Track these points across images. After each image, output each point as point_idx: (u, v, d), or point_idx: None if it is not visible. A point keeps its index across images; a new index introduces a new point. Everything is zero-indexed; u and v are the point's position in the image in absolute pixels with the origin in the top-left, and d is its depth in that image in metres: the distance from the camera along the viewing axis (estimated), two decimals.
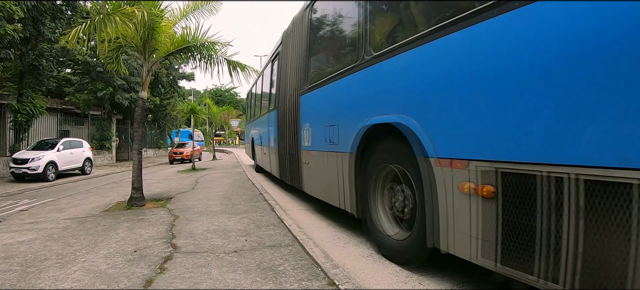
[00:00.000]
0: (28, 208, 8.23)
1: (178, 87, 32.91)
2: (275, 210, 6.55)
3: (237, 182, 11.55)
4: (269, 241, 4.69)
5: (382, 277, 3.52)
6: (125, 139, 25.68)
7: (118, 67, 8.34)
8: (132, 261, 4.03)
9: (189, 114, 21.10)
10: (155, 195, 9.04)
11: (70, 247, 4.70)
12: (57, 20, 15.43)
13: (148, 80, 7.86)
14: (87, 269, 3.84)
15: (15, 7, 11.96)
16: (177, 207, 7.39)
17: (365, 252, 4.25)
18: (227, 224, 5.74)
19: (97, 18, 6.28)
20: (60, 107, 20.10)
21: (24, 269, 3.90)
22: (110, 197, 9.20)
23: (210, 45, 8.23)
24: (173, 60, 13.42)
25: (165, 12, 7.88)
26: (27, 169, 13.56)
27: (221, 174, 14.83)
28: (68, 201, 8.95)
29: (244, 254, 4.17)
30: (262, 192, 8.79)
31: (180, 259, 4.04)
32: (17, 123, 15.44)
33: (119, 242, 4.81)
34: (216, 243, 4.66)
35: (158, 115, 29.95)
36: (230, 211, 6.77)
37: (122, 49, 8.16)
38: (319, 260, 3.76)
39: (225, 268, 3.73)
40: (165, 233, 5.24)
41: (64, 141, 15.75)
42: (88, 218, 6.61)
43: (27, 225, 6.20)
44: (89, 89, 20.31)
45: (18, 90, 15.56)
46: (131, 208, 7.29)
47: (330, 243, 4.62)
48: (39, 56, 15.41)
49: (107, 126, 23.02)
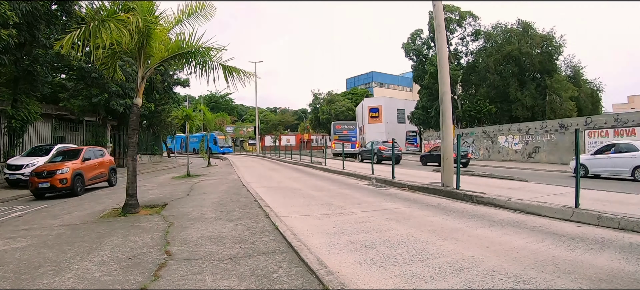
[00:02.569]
0: (22, 214, 8.17)
1: (173, 93, 32.81)
2: (269, 217, 6.57)
3: (232, 188, 11.55)
4: (264, 248, 4.71)
5: (376, 283, 3.55)
6: (120, 145, 25.54)
7: (114, 74, 8.33)
8: (126, 268, 4.03)
9: (183, 120, 21.06)
10: (150, 202, 9.02)
11: (65, 254, 4.69)
12: (52, 25, 15.38)
13: (142, 87, 7.87)
14: (81, 276, 3.83)
15: (10, 12, 11.93)
16: (172, 213, 7.38)
17: (360, 258, 4.28)
18: (222, 230, 5.75)
19: (92, 24, 6.30)
20: (55, 113, 19.97)
21: (18, 276, 3.89)
22: (104, 204, 9.16)
23: (205, 51, 8.22)
24: (168, 66, 13.40)
25: (159, 18, 7.91)
26: (21, 175, 13.43)
27: (216, 180, 14.81)
28: (62, 208, 8.90)
29: (239, 261, 4.18)
30: (256, 199, 8.81)
31: (174, 266, 4.05)
32: (11, 129, 15.32)
33: (113, 249, 4.81)
34: (210, 250, 4.67)
35: (153, 121, 29.83)
36: (224, 218, 6.77)
37: (117, 55, 8.16)
38: (314, 267, 3.79)
39: (219, 275, 3.75)
40: (160, 240, 5.24)
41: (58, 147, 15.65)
42: (82, 225, 6.59)
43: (21, 232, 6.17)
44: (83, 95, 20.20)
45: (12, 96, 15.46)
46: (126, 215, 7.27)
47: (325, 250, 4.65)
48: (34, 62, 15.33)
49: (102, 132, 22.88)
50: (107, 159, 14.53)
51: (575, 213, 6.22)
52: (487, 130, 31.45)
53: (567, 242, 4.87)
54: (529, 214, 6.74)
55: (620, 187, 10.59)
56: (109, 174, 14.12)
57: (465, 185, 9.36)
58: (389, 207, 7.85)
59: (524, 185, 10.67)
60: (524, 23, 37.44)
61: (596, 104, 38.69)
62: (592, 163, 15.33)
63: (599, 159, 15.14)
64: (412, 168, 20.21)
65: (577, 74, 38.33)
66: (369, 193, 10.15)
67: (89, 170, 12.50)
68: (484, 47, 40.81)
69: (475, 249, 4.57)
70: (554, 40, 36.16)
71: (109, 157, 14.84)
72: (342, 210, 7.48)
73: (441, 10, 10.51)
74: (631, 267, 3.86)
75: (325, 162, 21.28)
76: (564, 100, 33.17)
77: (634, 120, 20.56)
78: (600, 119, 23.35)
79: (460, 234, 5.38)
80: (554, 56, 36.35)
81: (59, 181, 10.92)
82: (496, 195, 8.09)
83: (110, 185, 14.05)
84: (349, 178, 14.46)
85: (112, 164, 14.65)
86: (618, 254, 4.31)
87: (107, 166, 14.16)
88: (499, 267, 3.88)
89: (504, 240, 4.99)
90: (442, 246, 4.75)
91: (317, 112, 68.62)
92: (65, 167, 11.30)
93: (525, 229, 5.69)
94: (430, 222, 6.26)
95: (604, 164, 15.00)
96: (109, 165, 14.29)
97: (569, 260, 4.11)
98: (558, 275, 3.63)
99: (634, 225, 5.41)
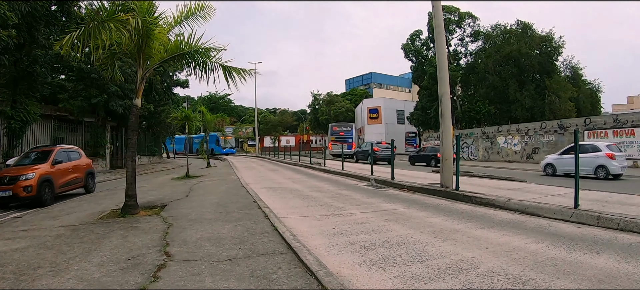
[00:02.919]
0: (21, 215, 8.16)
1: (172, 94, 32.82)
2: (269, 218, 6.57)
3: (231, 189, 11.54)
4: (263, 249, 4.70)
5: (376, 284, 3.55)
6: (120, 146, 25.52)
7: (113, 74, 8.31)
8: (125, 269, 4.02)
9: (183, 121, 21.06)
10: (149, 203, 9.01)
11: (64, 255, 4.68)
12: (52, 26, 15.36)
13: (142, 88, 7.86)
14: (80, 277, 3.83)
15: (10, 12, 11.92)
16: (171, 214, 7.37)
17: (359, 259, 4.28)
18: (221, 231, 5.75)
19: (91, 25, 6.29)
20: (54, 113, 19.95)
21: (17, 277, 3.88)
22: (104, 205, 9.15)
23: (205, 51, 8.20)
24: (167, 67, 13.39)
25: (159, 19, 7.90)
26: None
27: (215, 181, 14.80)
28: (61, 209, 8.89)
29: (238, 262, 4.18)
30: (256, 200, 8.80)
31: (173, 267, 4.05)
32: (10, 129, 15.29)
33: (112, 250, 4.80)
34: (210, 251, 4.66)
35: (152, 122, 29.80)
36: (224, 219, 6.77)
37: (117, 56, 8.15)
38: (313, 268, 3.79)
39: (218, 276, 3.75)
40: (159, 241, 5.23)
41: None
42: (81, 226, 6.58)
43: (20, 233, 6.15)
44: (83, 96, 20.17)
45: (12, 97, 15.42)
46: (125, 216, 7.26)
47: (324, 251, 4.65)
48: (33, 62, 15.30)
49: (101, 133, 22.86)
50: (84, 161, 12.67)
51: (575, 214, 6.22)
52: (486, 131, 31.48)
53: (566, 242, 4.87)
54: (529, 215, 6.75)
55: (620, 188, 10.59)
56: (85, 178, 12.26)
57: (464, 186, 9.36)
58: (388, 208, 7.85)
59: (523, 186, 10.68)
60: (523, 24, 37.46)
61: (595, 105, 38.73)
62: (560, 162, 16.18)
63: (565, 158, 15.83)
64: (406, 168, 20.23)
65: (576, 74, 38.36)
66: (369, 194, 10.15)
67: (60, 176, 10.71)
68: (483, 48, 40.83)
69: (475, 250, 4.58)
70: (553, 40, 36.18)
71: (86, 160, 13.00)
72: (342, 211, 7.48)
73: (440, 11, 10.52)
74: (630, 267, 3.86)
75: (324, 163, 21.28)
76: (563, 101, 33.18)
77: (633, 121, 20.59)
78: (600, 119, 23.39)
79: (460, 235, 5.39)
80: (553, 57, 36.38)
81: (22, 189, 9.11)
82: (495, 196, 8.09)
83: (86, 192, 12.24)
84: (348, 179, 14.46)
85: (89, 167, 12.88)
86: (617, 254, 4.31)
87: (83, 170, 12.31)
88: (499, 268, 3.88)
89: (503, 241, 5.00)
90: (441, 247, 4.75)
91: (317, 113, 68.57)
92: (30, 172, 9.47)
93: (525, 229, 5.69)
94: (429, 223, 6.26)
95: (569, 163, 15.21)
96: (86, 169, 12.47)
97: (569, 260, 4.12)
98: (557, 276, 3.63)
99: (633, 225, 5.42)
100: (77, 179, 11.81)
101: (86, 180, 12.31)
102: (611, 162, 14.63)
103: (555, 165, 16.44)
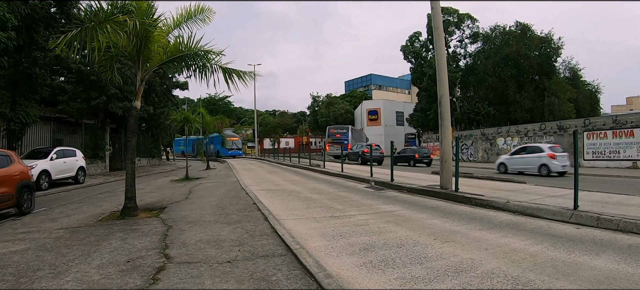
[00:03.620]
0: (21, 217, 8.14)
1: (172, 96, 32.79)
2: (268, 220, 6.57)
3: (230, 191, 11.54)
4: (262, 251, 4.70)
5: (375, 286, 3.54)
6: (119, 148, 25.52)
7: (112, 76, 8.28)
8: (125, 272, 4.02)
9: (182, 123, 21.06)
10: (149, 205, 9.01)
11: (63, 257, 4.67)
12: (51, 28, 15.36)
13: (141, 90, 7.85)
14: (80, 279, 3.83)
15: (9, 14, 11.93)
16: (171, 217, 7.37)
17: (359, 261, 4.28)
18: (221, 233, 5.74)
19: (89, 25, 6.26)
20: (54, 115, 19.96)
21: (17, 279, 3.88)
22: (103, 207, 9.13)
23: (204, 54, 8.19)
24: (167, 69, 13.41)
25: (158, 21, 7.90)
26: None
27: (215, 183, 14.80)
28: (61, 211, 8.87)
29: (237, 264, 4.18)
30: (255, 202, 8.80)
31: (173, 270, 4.04)
32: (10, 131, 15.28)
33: (112, 253, 4.79)
34: (209, 253, 4.66)
35: (152, 124, 29.81)
36: (223, 221, 6.77)
37: (115, 58, 8.13)
38: (312, 270, 3.79)
39: (218, 278, 3.74)
40: (159, 243, 5.23)
41: (57, 150, 15.62)
42: (81, 228, 6.57)
43: (19, 235, 6.14)
44: (82, 98, 20.15)
45: (11, 99, 15.43)
46: (124, 218, 7.25)
47: (324, 252, 4.64)
48: (33, 64, 15.30)
49: (101, 135, 22.86)
50: (16, 169, 8.60)
51: (574, 215, 6.23)
52: (485, 132, 31.51)
53: (566, 243, 4.88)
54: (528, 216, 6.75)
55: (620, 188, 10.60)
56: (17, 194, 8.27)
57: (463, 188, 9.37)
58: (387, 210, 7.85)
59: (522, 187, 10.69)
60: (523, 25, 37.55)
61: (595, 106, 38.85)
62: (511, 161, 18.84)
63: (515, 158, 18.73)
64: (405, 170, 20.23)
65: (575, 75, 38.47)
66: (368, 196, 10.15)
67: None
68: (482, 50, 40.92)
69: (474, 252, 4.58)
70: (552, 42, 36.26)
71: (20, 167, 8.87)
72: (341, 213, 7.48)
73: (439, 13, 10.54)
74: (630, 268, 3.86)
75: (324, 165, 21.28)
76: (562, 102, 33.26)
77: (632, 122, 20.62)
78: (599, 120, 23.42)
79: (459, 237, 5.39)
80: (552, 58, 36.45)
81: None
82: (495, 198, 8.09)
83: (20, 213, 8.39)
84: (348, 181, 14.47)
85: (24, 178, 8.80)
86: (617, 255, 4.32)
87: (15, 182, 8.30)
88: (498, 270, 3.88)
89: (502, 243, 5.00)
90: (441, 249, 4.75)
91: (316, 115, 68.60)
92: None
93: (524, 231, 5.70)
94: (429, 225, 6.26)
95: (518, 162, 18.33)
96: (18, 181, 8.42)
97: (568, 262, 4.12)
98: (557, 277, 3.64)
99: (632, 226, 5.42)
100: (4, 196, 7.90)
101: (18, 196, 8.35)
102: (552, 161, 16.73)
103: (507, 164, 18.87)
